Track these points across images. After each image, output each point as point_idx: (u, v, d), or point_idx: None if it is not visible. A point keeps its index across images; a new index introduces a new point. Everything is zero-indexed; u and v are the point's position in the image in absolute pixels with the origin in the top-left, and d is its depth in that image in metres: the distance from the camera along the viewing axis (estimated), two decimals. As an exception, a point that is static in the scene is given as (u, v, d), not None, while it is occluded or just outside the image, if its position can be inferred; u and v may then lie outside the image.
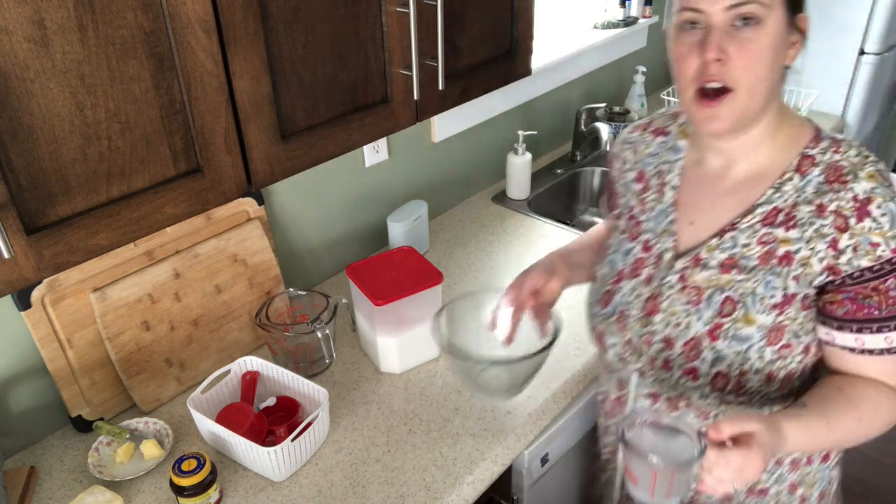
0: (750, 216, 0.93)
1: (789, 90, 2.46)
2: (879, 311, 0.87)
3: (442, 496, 1.13)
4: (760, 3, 0.83)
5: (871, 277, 0.86)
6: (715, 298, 0.93)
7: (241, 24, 0.88)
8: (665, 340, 0.97)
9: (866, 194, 0.86)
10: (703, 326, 0.93)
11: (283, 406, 1.26)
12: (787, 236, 0.90)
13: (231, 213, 1.41)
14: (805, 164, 0.91)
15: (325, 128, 1.05)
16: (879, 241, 0.85)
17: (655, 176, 1.05)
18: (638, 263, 1.02)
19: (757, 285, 0.91)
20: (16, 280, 0.79)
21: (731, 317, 0.92)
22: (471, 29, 1.21)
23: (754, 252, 0.92)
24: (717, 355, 0.93)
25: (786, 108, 0.96)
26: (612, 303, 1.04)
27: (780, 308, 0.90)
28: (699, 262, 0.95)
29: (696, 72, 0.87)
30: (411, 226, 1.70)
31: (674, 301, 0.96)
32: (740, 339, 0.92)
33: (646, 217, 1.04)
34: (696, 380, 0.95)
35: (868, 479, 2.38)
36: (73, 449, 1.25)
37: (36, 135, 0.76)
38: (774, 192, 0.92)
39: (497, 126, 2.03)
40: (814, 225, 0.88)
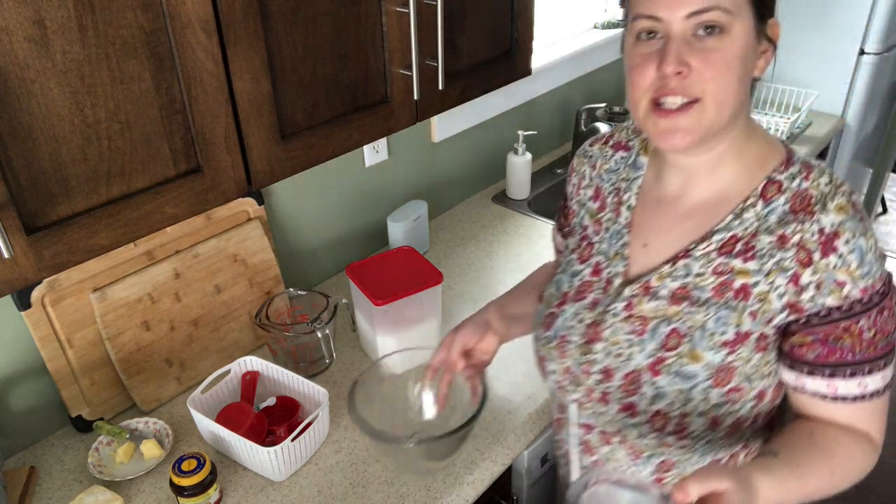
0: (706, 243, 0.84)
1: (789, 90, 2.46)
2: (853, 355, 0.80)
3: (442, 496, 1.13)
4: (724, 9, 0.74)
5: (841, 317, 0.78)
6: (660, 330, 0.85)
7: (241, 24, 0.88)
8: (604, 371, 0.89)
9: (833, 227, 0.77)
10: (645, 359, 0.86)
11: (283, 406, 1.26)
12: (745, 268, 0.81)
13: (231, 213, 1.41)
14: (770, 189, 0.83)
15: (325, 128, 1.05)
16: (845, 279, 0.77)
17: (613, 194, 0.97)
18: (584, 287, 0.94)
19: (708, 319, 0.82)
20: (16, 280, 0.79)
21: (676, 351, 0.84)
22: (471, 29, 1.21)
23: (708, 283, 0.83)
24: (658, 392, 0.85)
25: (755, 126, 0.87)
26: (553, 326, 0.96)
27: (731, 346, 0.82)
28: (649, 290, 0.87)
29: (652, 83, 0.78)
30: (411, 226, 1.70)
31: (617, 330, 0.88)
32: (684, 377, 0.83)
33: (599, 238, 0.96)
34: (635, 416, 0.88)
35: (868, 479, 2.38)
36: (73, 449, 1.25)
37: (36, 135, 0.75)
38: (734, 218, 0.83)
39: (497, 126, 2.03)
40: (774, 257, 0.80)
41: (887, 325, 0.80)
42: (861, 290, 0.77)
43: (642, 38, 0.78)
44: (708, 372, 0.83)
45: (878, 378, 0.82)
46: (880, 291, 0.78)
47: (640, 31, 0.78)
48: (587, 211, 1.00)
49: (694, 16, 0.74)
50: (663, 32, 0.76)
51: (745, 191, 0.84)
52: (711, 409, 0.84)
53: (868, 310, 0.78)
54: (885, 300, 0.79)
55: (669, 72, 0.75)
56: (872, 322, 0.79)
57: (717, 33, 0.75)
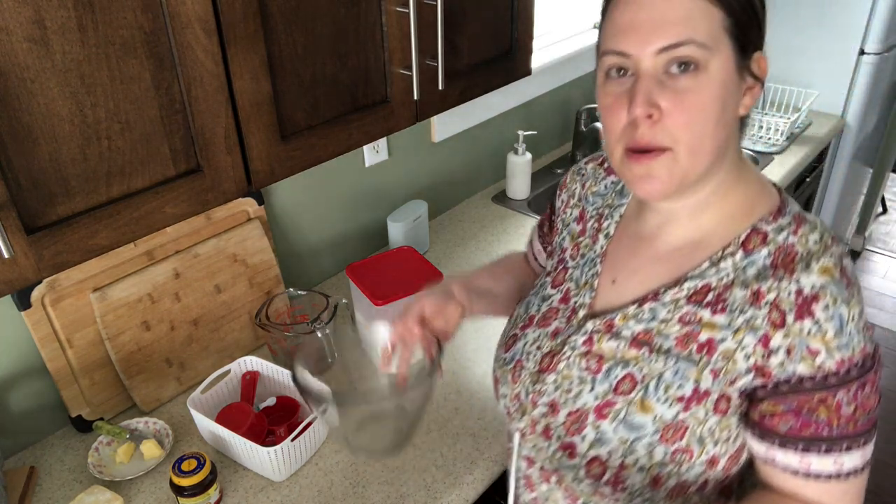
0: (677, 288, 0.78)
1: (789, 90, 2.47)
2: (830, 430, 0.72)
3: (442, 496, 1.13)
4: (700, 44, 0.67)
5: (815, 388, 0.70)
6: (615, 372, 0.79)
7: (241, 24, 0.88)
8: (551, 404, 0.83)
9: (813, 290, 0.70)
10: (594, 400, 0.79)
11: (283, 406, 1.26)
12: (713, 321, 0.74)
13: (231, 213, 1.41)
14: (754, 239, 0.75)
15: (326, 128, 1.05)
16: (819, 348, 0.69)
17: (595, 219, 0.92)
18: (551, 313, 0.89)
19: (666, 370, 0.76)
20: (16, 280, 0.79)
21: (627, 397, 0.77)
22: (471, 29, 1.21)
23: (673, 331, 0.77)
24: (600, 437, 0.78)
25: (746, 168, 0.79)
26: (512, 349, 0.91)
27: (686, 403, 0.75)
28: (611, 328, 0.81)
29: (625, 129, 0.72)
30: (411, 226, 1.70)
31: (572, 364, 0.83)
32: (630, 426, 0.77)
33: (574, 264, 0.91)
34: (572, 458, 0.81)
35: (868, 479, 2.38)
36: (73, 449, 1.25)
37: (36, 135, 0.75)
38: (710, 266, 0.76)
39: (497, 126, 2.03)
40: (745, 314, 0.73)
41: (869, 401, 0.72)
42: (837, 362, 0.69)
43: (612, 76, 0.73)
44: (656, 426, 0.76)
45: (857, 456, 0.74)
46: (859, 365, 0.70)
47: (608, 67, 0.73)
48: (569, 232, 0.96)
49: (665, 51, 0.68)
50: (633, 69, 0.70)
51: (727, 238, 0.77)
52: (654, 466, 0.77)
53: (845, 383, 0.70)
54: (866, 375, 0.71)
55: (639, 114, 0.69)
56: (852, 396, 0.71)
57: (692, 71, 0.68)
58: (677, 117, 0.69)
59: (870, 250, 3.60)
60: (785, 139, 2.30)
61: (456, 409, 1.30)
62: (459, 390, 1.34)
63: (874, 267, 3.48)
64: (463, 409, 1.30)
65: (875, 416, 0.74)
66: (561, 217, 0.99)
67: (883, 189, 3.56)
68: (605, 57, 0.73)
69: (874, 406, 0.73)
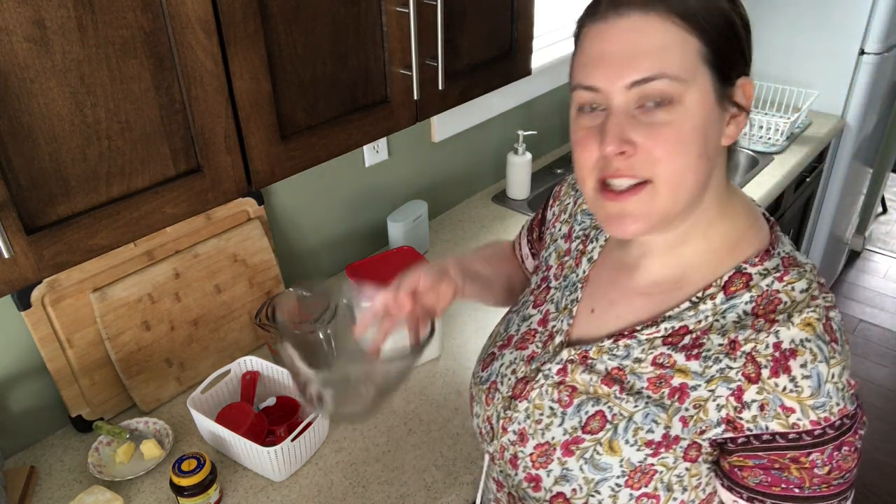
0: (654, 328, 0.74)
1: (789, 90, 2.47)
2: (801, 490, 0.68)
3: (442, 496, 1.13)
4: (673, 77, 0.63)
5: (788, 446, 0.66)
6: (585, 408, 0.76)
7: (241, 24, 0.88)
8: (520, 434, 0.80)
9: (792, 345, 0.66)
10: (562, 435, 0.76)
11: (283, 406, 1.26)
12: (687, 366, 0.71)
13: (231, 213, 1.41)
14: (736, 282, 0.71)
15: (325, 128, 1.05)
16: (794, 406, 0.65)
17: (580, 240, 0.88)
18: (529, 335, 0.86)
19: (637, 412, 0.72)
20: (16, 280, 0.79)
21: (595, 436, 0.74)
22: (471, 29, 1.21)
23: (645, 372, 0.73)
24: (565, 474, 0.76)
25: (736, 200, 0.75)
26: (489, 369, 0.88)
27: (654, 447, 0.71)
28: (586, 360, 0.77)
29: (597, 162, 0.68)
30: (411, 226, 1.70)
31: (544, 393, 0.79)
32: (596, 467, 0.74)
33: (557, 284, 0.88)
34: (537, 490, 0.79)
35: (868, 479, 2.38)
36: (73, 449, 1.25)
37: (36, 135, 0.75)
38: (690, 307, 0.72)
39: (497, 126, 2.03)
40: (720, 363, 0.69)
41: (846, 462, 0.67)
42: (812, 421, 0.65)
43: (584, 111, 0.69)
44: (623, 469, 0.73)
45: None
46: (837, 426, 0.66)
47: (580, 104, 0.69)
48: (556, 249, 0.92)
49: (637, 85, 0.64)
50: (604, 104, 0.67)
51: (709, 276, 0.73)
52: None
53: (821, 444, 0.66)
54: (844, 436, 0.66)
55: (610, 152, 0.65)
56: (827, 458, 0.66)
57: (667, 105, 0.64)
58: (653, 151, 0.65)
59: (870, 250, 3.60)
60: (785, 139, 2.30)
61: (456, 409, 1.30)
62: (459, 390, 1.34)
63: (874, 267, 3.48)
64: (463, 409, 1.30)
65: (853, 477, 0.69)
66: (550, 231, 0.95)
67: (883, 189, 3.56)
68: (575, 92, 0.70)
69: (852, 468, 0.69)
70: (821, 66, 2.50)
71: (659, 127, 0.65)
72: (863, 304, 3.21)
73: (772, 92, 2.53)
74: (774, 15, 2.52)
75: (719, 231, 0.74)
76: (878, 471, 2.41)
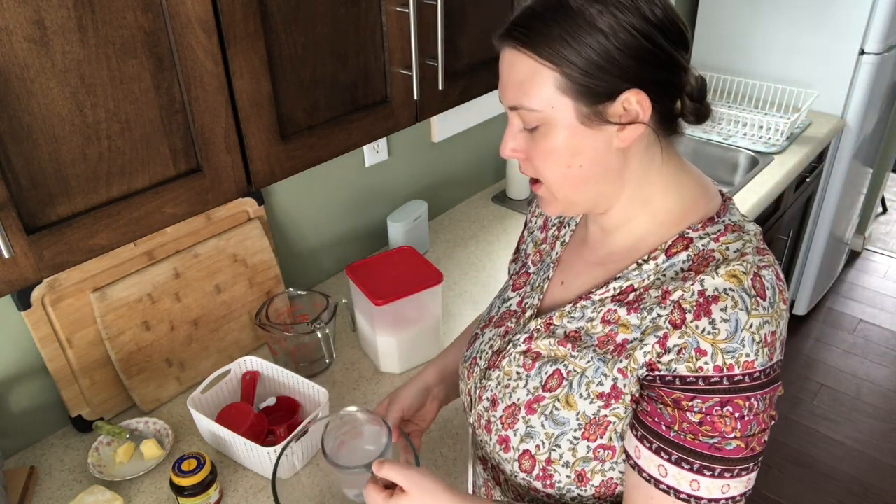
0: (605, 288, 0.81)
1: (789, 90, 2.46)
2: (668, 430, 0.71)
3: (442, 496, 1.13)
4: (529, 108, 0.72)
5: (680, 388, 0.70)
6: (545, 369, 0.82)
7: (241, 24, 0.88)
8: (492, 399, 0.87)
9: (716, 292, 0.70)
10: (526, 395, 0.83)
11: (283, 406, 1.26)
12: (628, 320, 0.77)
13: (231, 213, 1.41)
14: (678, 245, 0.77)
15: (325, 128, 1.05)
16: (707, 349, 0.68)
17: (555, 227, 0.97)
18: (507, 315, 0.94)
19: (588, 367, 0.78)
20: (16, 280, 0.79)
21: (553, 393, 0.80)
22: (471, 29, 1.21)
23: (597, 331, 0.79)
24: (529, 431, 0.82)
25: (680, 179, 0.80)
26: (471, 347, 0.96)
27: (605, 399, 0.77)
28: (549, 326, 0.85)
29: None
30: (411, 226, 1.70)
31: (512, 361, 0.86)
32: (556, 422, 0.80)
33: (535, 270, 0.96)
34: (507, 452, 0.85)
35: (868, 479, 2.38)
36: (73, 449, 1.25)
37: (36, 135, 0.75)
38: (636, 268, 0.79)
39: (497, 126, 2.03)
40: (652, 313, 0.74)
41: (723, 424, 0.68)
42: (715, 367, 0.68)
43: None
44: (579, 422, 0.78)
45: (682, 476, 0.70)
46: (735, 379, 0.68)
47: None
48: (532, 239, 1.00)
49: (512, 110, 0.75)
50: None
51: (656, 244, 0.79)
52: (578, 461, 0.79)
53: (709, 392, 0.68)
54: (735, 394, 0.68)
55: (505, 155, 0.78)
56: (707, 408, 0.69)
57: (536, 127, 0.74)
58: (533, 160, 0.76)
59: (870, 250, 3.60)
60: (785, 139, 2.30)
61: (456, 409, 1.30)
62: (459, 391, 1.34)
63: (874, 267, 3.48)
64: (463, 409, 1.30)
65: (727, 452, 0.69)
66: (528, 226, 1.04)
67: (883, 189, 3.56)
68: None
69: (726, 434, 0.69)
70: (821, 66, 2.50)
71: (536, 142, 0.75)
72: (863, 304, 3.21)
73: (772, 92, 2.53)
74: (774, 15, 2.52)
75: (663, 205, 0.80)
76: (878, 471, 2.41)
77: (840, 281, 3.37)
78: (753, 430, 0.69)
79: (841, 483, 2.37)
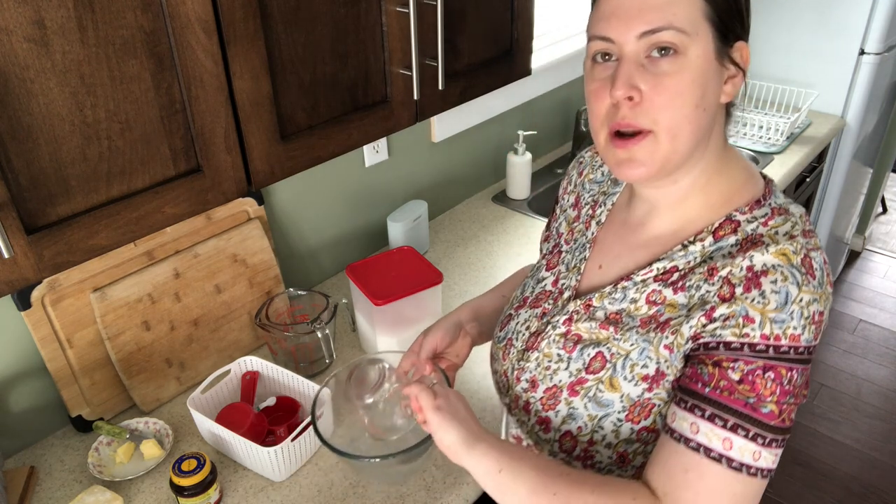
0: (648, 268, 0.81)
1: (789, 90, 2.46)
2: (703, 386, 0.71)
3: (442, 496, 1.13)
4: (678, 29, 0.70)
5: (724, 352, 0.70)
6: (587, 352, 0.82)
7: (241, 24, 0.88)
8: (531, 381, 0.87)
9: (764, 267, 0.70)
10: (568, 377, 0.83)
11: (283, 406, 1.26)
12: (675, 300, 0.77)
13: (231, 213, 1.41)
14: (725, 228, 0.77)
15: (325, 128, 1.05)
16: (755, 317, 0.69)
17: (588, 206, 0.96)
18: (543, 295, 0.93)
19: (633, 350, 0.78)
20: (16, 280, 0.79)
21: (597, 376, 0.80)
22: (471, 29, 1.21)
23: (641, 312, 0.79)
24: (571, 412, 0.82)
25: (732, 158, 0.81)
26: (506, 328, 0.96)
27: (649, 382, 0.77)
28: (589, 308, 0.85)
29: (608, 111, 0.75)
30: (411, 226, 1.70)
31: (552, 343, 0.86)
32: (599, 404, 0.80)
33: (568, 248, 0.96)
34: (547, 432, 0.86)
35: (868, 479, 2.38)
36: (73, 449, 1.25)
37: (36, 135, 0.75)
38: (681, 249, 0.79)
39: (497, 126, 2.03)
40: (700, 290, 0.74)
41: (763, 387, 0.69)
42: (762, 335, 0.68)
43: (598, 61, 0.76)
44: (623, 404, 0.78)
45: (714, 433, 0.70)
46: (781, 349, 0.69)
47: (594, 53, 0.76)
48: (565, 218, 1.00)
49: (646, 36, 0.71)
50: (617, 54, 0.74)
51: (703, 227, 0.80)
52: (621, 443, 0.80)
53: (753, 357, 0.69)
54: (779, 362, 0.69)
55: (619, 96, 0.72)
56: (749, 371, 0.69)
57: (671, 55, 0.71)
58: (656, 99, 0.72)
59: (870, 250, 3.60)
60: (785, 139, 2.30)
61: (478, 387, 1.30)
62: (460, 390, 1.34)
63: (874, 267, 3.48)
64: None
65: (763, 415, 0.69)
66: (560, 203, 1.04)
67: (883, 189, 3.56)
68: (591, 42, 0.76)
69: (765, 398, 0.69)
70: (821, 66, 2.50)
71: (662, 76, 0.71)
72: (863, 304, 3.21)
73: (772, 92, 2.53)
74: (774, 15, 2.52)
75: (718, 186, 0.80)
76: (879, 471, 2.41)
77: (840, 281, 3.37)
78: (789, 401, 0.70)
79: (841, 483, 2.37)
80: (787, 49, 2.54)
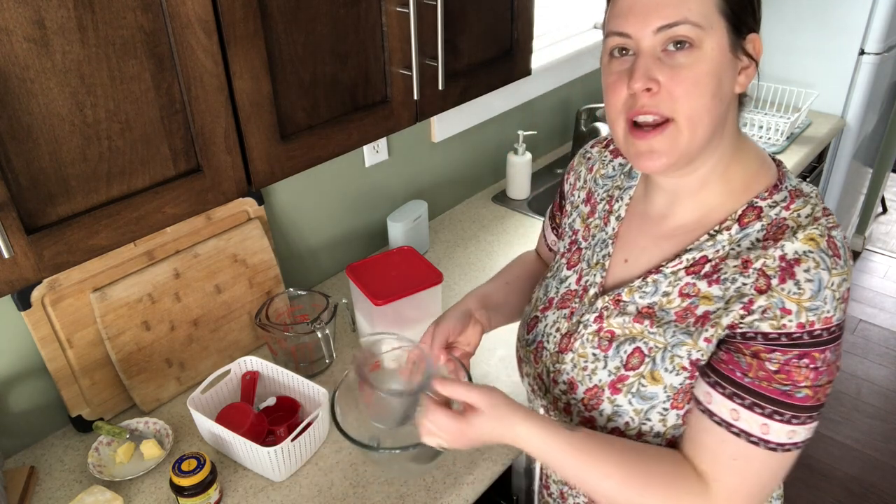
0: (677, 260, 0.82)
1: (789, 90, 2.46)
2: (742, 375, 0.74)
3: (442, 496, 1.13)
4: (694, 24, 0.72)
5: (762, 343, 0.73)
6: (624, 348, 0.84)
7: (241, 24, 0.88)
8: (569, 383, 0.88)
9: (796, 255, 0.74)
10: (608, 376, 0.84)
11: (283, 406, 1.26)
12: (709, 292, 0.79)
13: (231, 213, 1.41)
14: (749, 215, 0.80)
15: (325, 128, 1.05)
16: (792, 307, 0.72)
17: (604, 201, 0.97)
18: (569, 295, 0.94)
19: (671, 342, 0.80)
20: (16, 280, 0.79)
21: (637, 371, 0.82)
22: (471, 29, 1.21)
23: (674, 305, 0.81)
24: (616, 410, 0.84)
25: (746, 145, 0.84)
26: (534, 331, 0.97)
27: (691, 371, 0.80)
28: (619, 303, 0.86)
29: (625, 102, 0.77)
30: (411, 226, 1.70)
31: (585, 342, 0.88)
32: (644, 398, 0.82)
33: (587, 245, 0.96)
34: None
35: (868, 479, 2.38)
36: (73, 449, 1.25)
37: (36, 135, 0.75)
38: (708, 238, 0.81)
39: (497, 126, 2.03)
40: (736, 283, 0.77)
41: (798, 373, 0.73)
42: (798, 324, 0.72)
43: (615, 56, 0.78)
44: (667, 394, 0.81)
45: (755, 421, 0.74)
46: (815, 334, 0.72)
47: (612, 48, 0.78)
48: (579, 214, 1.00)
49: (662, 30, 0.73)
50: (634, 49, 0.75)
51: (726, 214, 0.82)
52: (669, 430, 0.83)
53: (790, 347, 0.72)
54: (813, 347, 0.72)
55: (637, 88, 0.74)
56: (785, 360, 0.73)
57: (687, 48, 0.73)
58: (674, 90, 0.73)
59: (870, 250, 3.60)
60: (785, 139, 2.30)
61: (456, 409, 1.30)
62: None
63: (874, 267, 3.48)
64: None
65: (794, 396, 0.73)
66: (570, 199, 1.04)
67: (883, 189, 3.56)
68: (608, 38, 0.78)
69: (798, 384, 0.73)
70: (821, 66, 2.50)
71: (679, 69, 0.73)
72: (862, 304, 3.21)
73: (772, 92, 2.53)
74: (775, 15, 2.52)
75: (735, 173, 0.82)
76: (879, 471, 2.41)
77: (840, 281, 3.37)
78: (822, 381, 0.74)
79: (841, 483, 2.37)
80: (787, 49, 2.54)
